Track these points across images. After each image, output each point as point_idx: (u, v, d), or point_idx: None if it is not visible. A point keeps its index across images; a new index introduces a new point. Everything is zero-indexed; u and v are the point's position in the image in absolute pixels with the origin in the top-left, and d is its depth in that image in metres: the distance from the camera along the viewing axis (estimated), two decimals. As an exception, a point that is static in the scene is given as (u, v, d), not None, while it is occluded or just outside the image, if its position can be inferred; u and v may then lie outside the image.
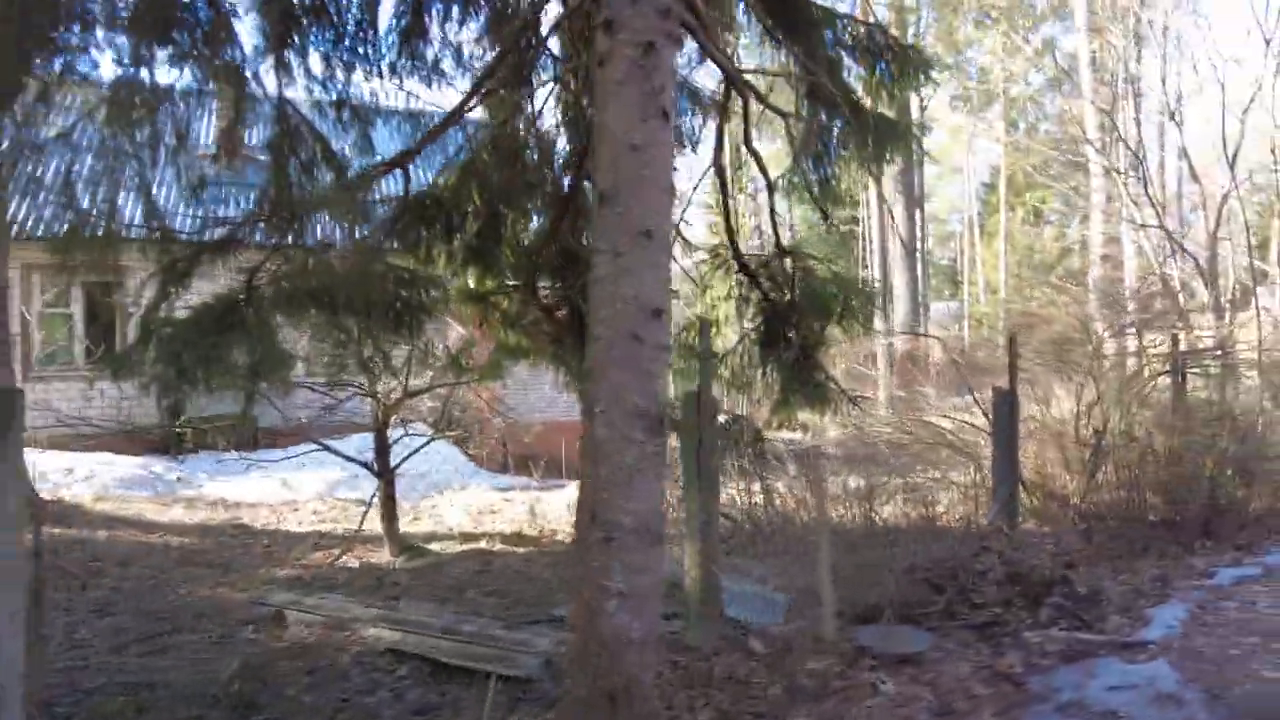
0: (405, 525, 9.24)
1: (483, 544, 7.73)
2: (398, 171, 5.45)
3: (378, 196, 5.55)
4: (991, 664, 4.16)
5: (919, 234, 33.79)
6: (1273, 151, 11.21)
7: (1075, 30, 15.24)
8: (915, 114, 29.92)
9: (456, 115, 4.68)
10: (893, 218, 19.19)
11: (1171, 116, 11.85)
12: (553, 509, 9.84)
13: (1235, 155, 11.07)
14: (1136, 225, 11.72)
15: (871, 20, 5.79)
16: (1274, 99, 11.03)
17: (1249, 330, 11.19)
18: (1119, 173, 11.94)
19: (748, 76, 5.32)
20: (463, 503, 10.15)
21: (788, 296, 5.38)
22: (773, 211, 5.21)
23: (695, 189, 5.86)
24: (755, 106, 4.65)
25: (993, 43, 23.26)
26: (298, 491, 11.50)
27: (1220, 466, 7.36)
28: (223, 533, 8.39)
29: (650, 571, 2.59)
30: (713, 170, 4.89)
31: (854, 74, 6.13)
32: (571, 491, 11.81)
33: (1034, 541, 7.15)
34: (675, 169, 4.66)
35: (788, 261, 5.27)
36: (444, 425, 8.79)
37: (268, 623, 4.81)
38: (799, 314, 5.46)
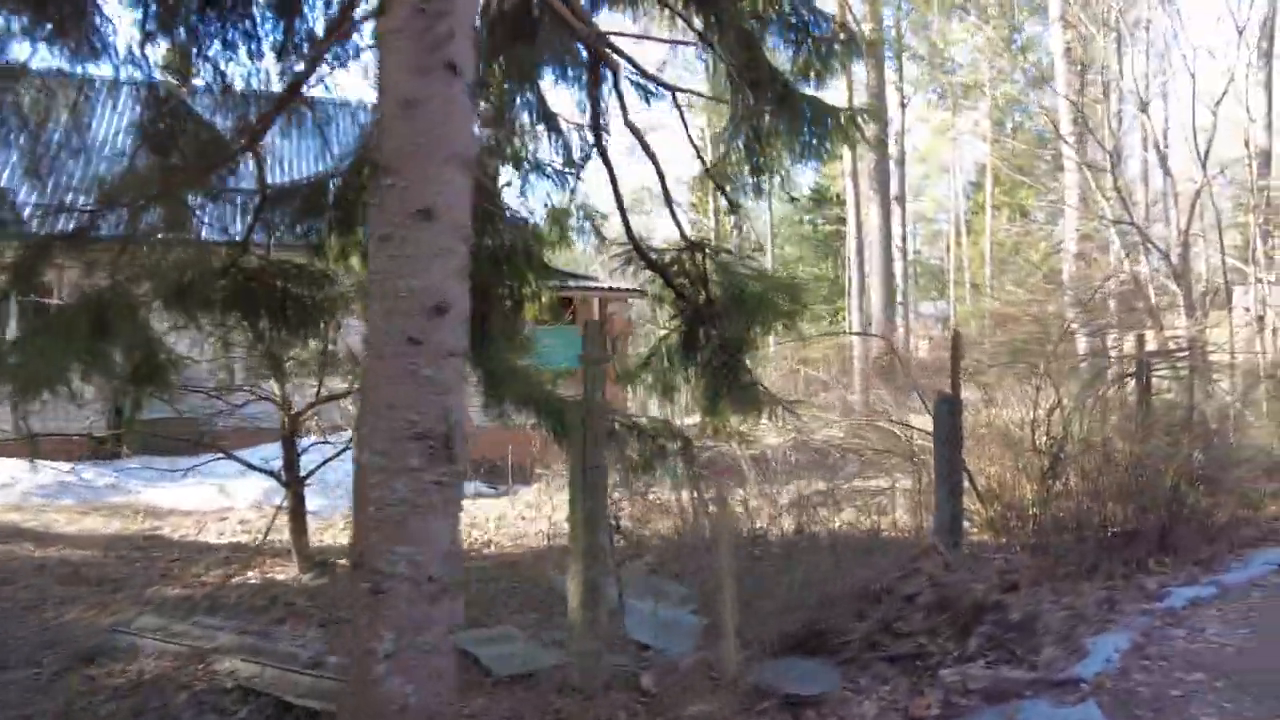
0: (332, 537, 8.77)
1: (401, 558, 7.24)
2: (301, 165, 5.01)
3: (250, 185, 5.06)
4: (906, 705, 3.72)
5: (903, 230, 33.43)
6: (1246, 145, 10.82)
7: (1051, 22, 14.82)
8: (895, 109, 29.56)
9: (293, 91, 4.19)
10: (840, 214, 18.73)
11: (1143, 109, 11.45)
12: (493, 517, 9.36)
13: (1208, 149, 10.69)
14: (1107, 221, 11.33)
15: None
16: (1247, 90, 10.65)
17: (1223, 330, 10.80)
18: (1089, 166, 11.53)
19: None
20: (400, 511, 9.64)
21: (703, 295, 4.93)
22: (668, 199, 4.74)
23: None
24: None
25: (964, 33, 22.83)
26: (234, 498, 10.98)
27: (1183, 475, 6.94)
28: (132, 545, 7.88)
29: (433, 628, 2.13)
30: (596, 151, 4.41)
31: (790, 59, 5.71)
32: (526, 496, 11.35)
33: (985, 555, 6.71)
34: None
35: (698, 257, 4.81)
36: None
37: (102, 656, 4.33)
38: (717, 313, 5.01)
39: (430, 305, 2.10)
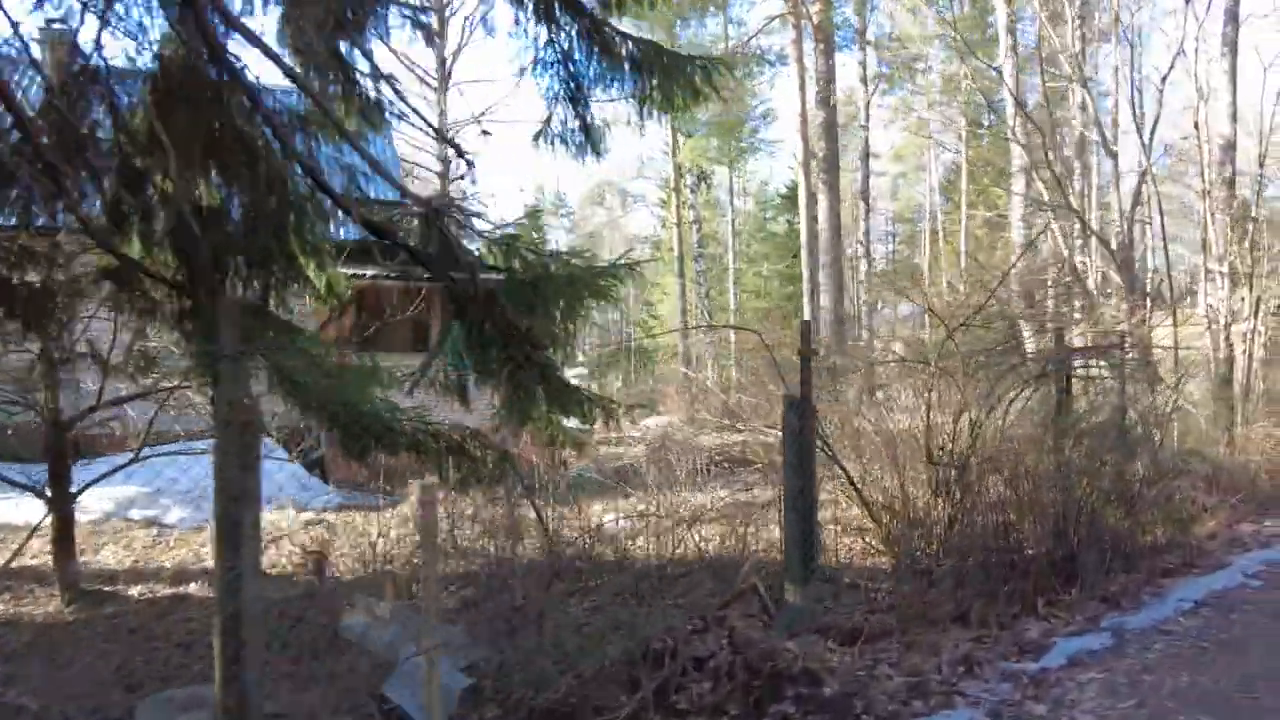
0: (156, 556, 7.78)
1: (194, 585, 6.22)
2: None
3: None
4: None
5: (866, 227, 32.49)
6: (1196, 126, 9.92)
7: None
8: (860, 105, 28.59)
9: None
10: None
11: (1084, 84, 10.53)
12: (351, 534, 8.35)
13: (1154, 129, 9.79)
14: (1046, 207, 10.41)
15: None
16: (1195, 63, 9.75)
17: (1173, 327, 9.87)
18: (1022, 145, 10.61)
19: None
20: (250, 527, 8.60)
21: (466, 275, 3.94)
22: (370, 160, 3.72)
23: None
24: None
25: (939, 28, 21.91)
26: (86, 511, 9.90)
27: (1099, 491, 5.99)
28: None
29: None
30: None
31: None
32: (404, 508, 10.31)
33: (866, 583, 5.75)
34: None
35: (447, 224, 3.81)
36: (151, 439, 7.27)
37: None
38: (487, 298, 4.03)
39: None
